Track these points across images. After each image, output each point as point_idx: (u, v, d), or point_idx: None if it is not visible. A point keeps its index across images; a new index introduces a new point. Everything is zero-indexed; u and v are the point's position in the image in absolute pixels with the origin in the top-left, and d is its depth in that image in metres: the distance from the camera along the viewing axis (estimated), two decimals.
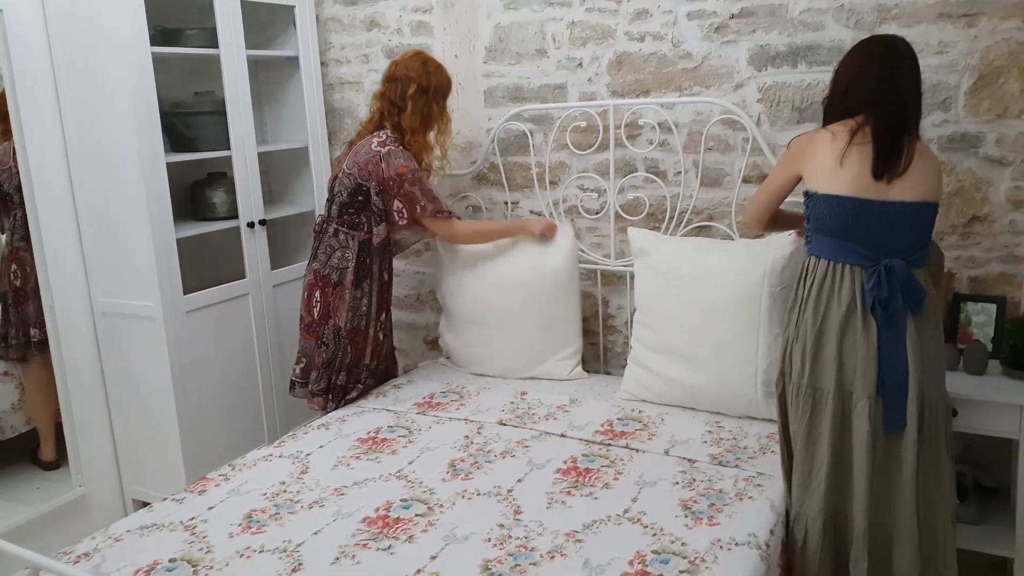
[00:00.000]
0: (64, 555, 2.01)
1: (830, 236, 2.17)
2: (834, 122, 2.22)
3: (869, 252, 2.12)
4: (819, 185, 2.18)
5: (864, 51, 2.22)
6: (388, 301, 3.21)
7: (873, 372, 2.10)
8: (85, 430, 3.28)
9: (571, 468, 2.40)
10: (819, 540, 2.18)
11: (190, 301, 3.16)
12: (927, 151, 2.19)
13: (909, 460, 2.10)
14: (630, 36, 3.12)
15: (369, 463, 2.49)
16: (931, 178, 2.15)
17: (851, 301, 2.13)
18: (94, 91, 3.00)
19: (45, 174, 3.07)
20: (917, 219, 2.14)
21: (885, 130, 2.12)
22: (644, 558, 1.91)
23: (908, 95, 2.16)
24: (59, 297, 3.15)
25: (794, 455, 2.23)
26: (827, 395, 2.15)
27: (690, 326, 2.79)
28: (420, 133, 3.06)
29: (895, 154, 2.11)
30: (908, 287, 2.09)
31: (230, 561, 1.97)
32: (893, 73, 2.15)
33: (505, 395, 3.00)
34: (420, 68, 3.03)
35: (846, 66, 2.24)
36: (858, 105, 2.17)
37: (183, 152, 3.24)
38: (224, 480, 2.41)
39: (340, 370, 3.04)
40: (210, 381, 3.24)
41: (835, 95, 2.25)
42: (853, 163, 2.12)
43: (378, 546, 2.01)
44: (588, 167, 3.30)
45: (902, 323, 2.10)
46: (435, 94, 3.06)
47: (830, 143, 2.17)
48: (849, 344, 2.13)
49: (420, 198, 2.99)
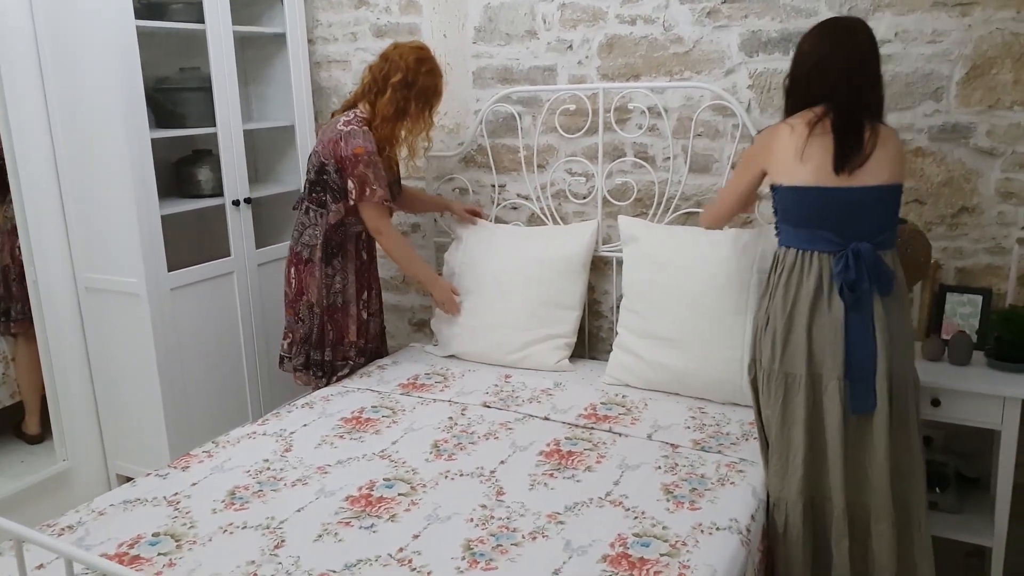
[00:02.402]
0: (48, 527, 2.01)
1: (797, 226, 2.21)
2: (795, 110, 2.24)
3: (836, 238, 2.15)
4: (783, 178, 2.21)
5: (824, 37, 2.22)
6: (371, 280, 3.19)
7: (841, 354, 2.13)
8: (69, 405, 3.26)
9: (554, 451, 2.40)
10: (800, 524, 2.20)
11: (174, 278, 3.14)
12: (889, 134, 2.20)
13: (881, 440, 2.13)
14: (621, 19, 3.10)
15: (353, 442, 2.49)
16: (894, 160, 2.17)
17: (818, 286, 2.16)
18: (78, 65, 2.96)
19: (28, 149, 3.04)
20: (881, 202, 2.16)
21: (846, 123, 2.14)
22: (625, 541, 1.92)
23: (869, 83, 2.18)
24: (43, 272, 3.13)
25: (770, 441, 2.25)
26: (798, 379, 2.17)
27: (676, 312, 2.80)
28: (390, 123, 2.98)
29: (856, 148, 2.13)
30: (875, 269, 2.12)
31: (213, 536, 1.97)
32: (854, 61, 2.16)
33: (489, 378, 3.00)
34: (414, 62, 2.95)
35: (806, 52, 2.24)
36: (819, 93, 2.19)
37: (168, 128, 3.21)
38: (208, 457, 2.40)
39: (324, 347, 3.04)
40: (194, 358, 3.23)
41: (796, 83, 2.26)
42: (813, 155, 2.15)
43: (361, 524, 2.01)
44: (576, 151, 3.29)
45: (869, 305, 2.13)
46: (418, 94, 2.98)
47: (790, 136, 2.19)
48: (818, 328, 2.15)
49: (372, 181, 2.91)
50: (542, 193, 3.36)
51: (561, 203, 3.36)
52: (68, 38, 2.95)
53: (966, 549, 2.72)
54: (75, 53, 2.95)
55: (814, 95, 2.20)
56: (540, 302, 3.10)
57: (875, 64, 2.19)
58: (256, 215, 3.50)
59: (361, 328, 3.13)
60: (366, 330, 3.17)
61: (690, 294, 2.77)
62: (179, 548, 1.92)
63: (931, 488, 2.67)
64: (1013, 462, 2.45)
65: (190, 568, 1.84)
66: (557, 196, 3.36)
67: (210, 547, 1.92)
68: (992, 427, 2.47)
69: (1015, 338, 2.51)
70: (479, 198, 3.51)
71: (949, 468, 2.70)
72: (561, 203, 3.36)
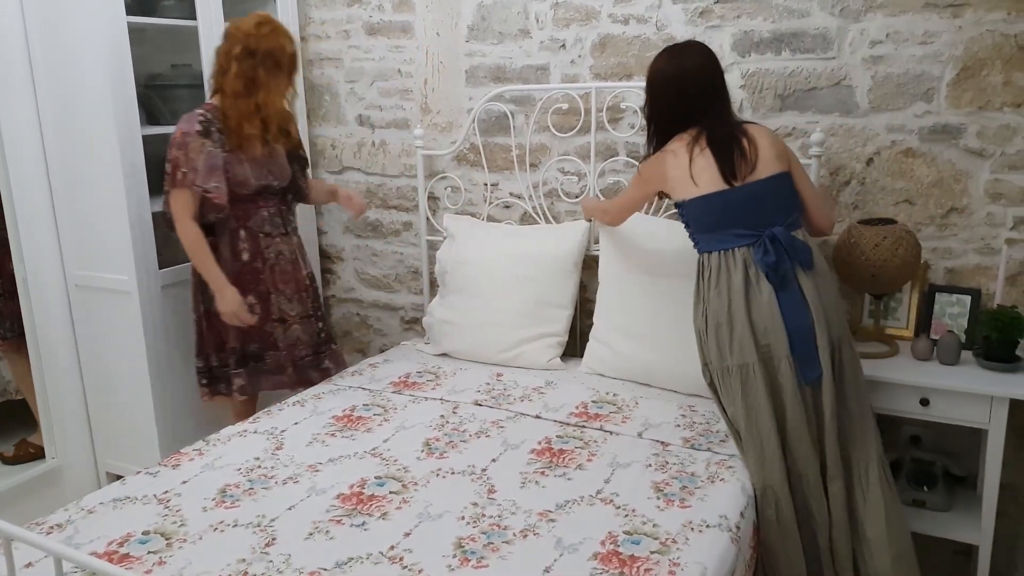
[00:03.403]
0: (36, 526, 2.00)
1: (710, 231, 2.35)
2: (666, 140, 2.44)
3: (749, 231, 2.30)
4: (684, 194, 2.38)
5: (671, 65, 2.42)
6: (259, 283, 2.91)
7: (783, 332, 2.25)
8: (59, 402, 3.26)
9: (545, 449, 2.40)
10: (791, 508, 2.23)
11: (165, 276, 3.13)
12: (761, 131, 2.39)
13: (828, 403, 2.24)
14: (614, 18, 3.11)
15: (344, 440, 2.48)
16: (776, 153, 2.36)
17: (746, 277, 2.29)
18: (68, 61, 2.95)
19: (18, 145, 3.03)
20: (777, 190, 2.34)
21: (720, 141, 2.34)
22: (616, 538, 1.92)
23: (720, 101, 2.41)
24: (32, 269, 3.12)
25: (742, 436, 2.28)
26: (751, 367, 2.26)
27: (645, 305, 2.86)
28: (243, 98, 2.76)
29: (740, 157, 2.32)
30: (792, 247, 2.27)
31: (204, 535, 1.96)
32: (706, 82, 2.39)
33: (481, 376, 3.00)
34: (253, 27, 2.75)
35: (659, 84, 2.44)
36: (683, 118, 2.41)
37: (159, 125, 3.20)
38: (198, 455, 2.40)
39: (204, 352, 2.94)
40: (185, 356, 3.21)
41: (659, 116, 2.47)
42: (702, 171, 2.34)
43: (352, 522, 2.01)
44: (569, 150, 3.29)
45: (795, 281, 2.28)
46: (263, 59, 2.74)
47: (676, 161, 2.38)
48: (756, 314, 2.27)
49: (183, 164, 2.72)
50: (534, 192, 3.36)
51: (553, 202, 3.36)
52: (59, 34, 2.94)
53: (954, 547, 2.74)
54: (66, 49, 2.94)
55: (679, 121, 2.41)
56: (532, 301, 3.10)
57: (721, 77, 2.43)
58: None
59: (242, 332, 2.90)
60: (249, 335, 2.93)
61: (667, 286, 2.79)
62: (169, 546, 1.91)
63: (919, 486, 2.70)
64: (1000, 461, 2.47)
65: (180, 567, 1.83)
66: (549, 195, 3.37)
67: (200, 545, 1.92)
68: (980, 426, 2.49)
69: (1003, 338, 2.52)
70: (471, 196, 3.51)
71: (937, 467, 2.72)
72: (553, 202, 3.36)
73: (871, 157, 2.83)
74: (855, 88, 2.80)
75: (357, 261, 3.91)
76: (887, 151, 2.81)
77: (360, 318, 3.97)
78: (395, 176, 3.71)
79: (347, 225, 3.88)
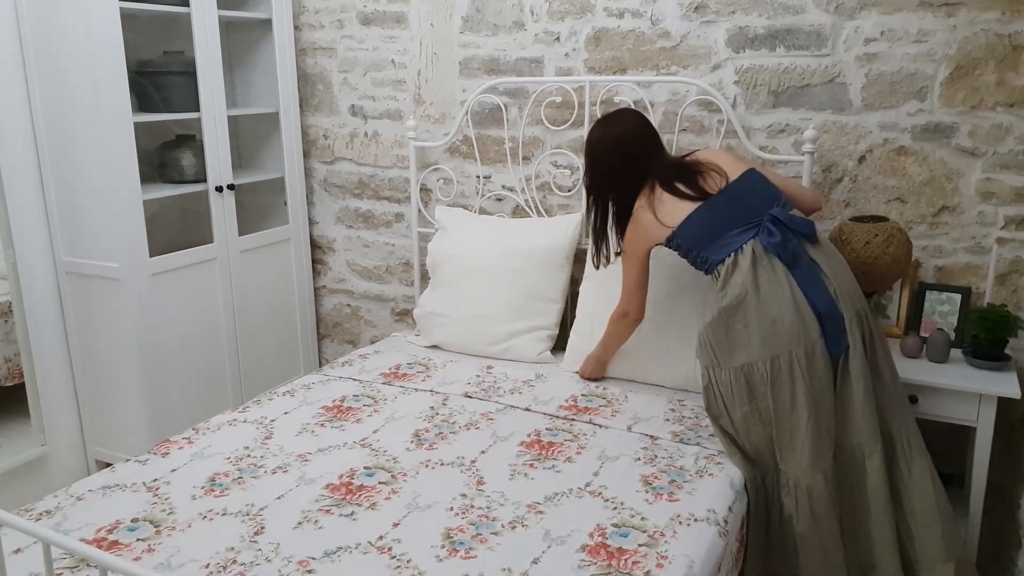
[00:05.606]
0: (25, 512, 1.99)
1: (711, 241, 2.34)
2: (626, 207, 2.50)
3: (746, 225, 2.31)
4: (672, 225, 2.39)
5: (607, 138, 2.51)
6: None
7: (811, 315, 2.22)
8: (48, 389, 3.24)
9: (535, 441, 2.40)
10: (826, 496, 2.19)
11: (156, 264, 3.12)
12: (711, 150, 2.54)
13: (861, 376, 2.22)
14: (609, 12, 3.11)
15: (334, 431, 2.48)
16: (735, 157, 2.48)
17: (760, 268, 2.25)
18: (60, 47, 2.93)
19: (9, 131, 3.01)
20: (755, 184, 2.38)
21: (672, 180, 2.41)
22: (604, 531, 1.93)
23: (660, 154, 2.50)
24: (22, 255, 3.10)
25: (777, 430, 2.23)
26: (781, 358, 2.20)
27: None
28: None
29: (700, 180, 2.38)
30: (793, 224, 2.29)
31: (192, 522, 1.96)
32: (641, 146, 2.49)
33: (471, 368, 3.00)
34: None
35: (602, 155, 2.52)
36: (631, 184, 2.48)
37: (151, 112, 3.18)
38: (188, 443, 2.39)
39: None
40: (175, 344, 3.22)
41: (608, 188, 2.55)
42: (676, 207, 2.39)
43: (341, 512, 2.01)
44: (562, 143, 3.29)
45: (806, 255, 2.29)
46: None
47: (646, 217, 2.43)
48: (779, 305, 2.22)
49: None
50: (527, 185, 3.36)
51: (546, 195, 3.36)
52: (50, 19, 2.92)
53: None
54: (57, 34, 2.92)
55: (627, 183, 2.48)
56: (523, 294, 3.10)
57: (656, 135, 2.54)
58: (239, 202, 3.48)
59: None
60: None
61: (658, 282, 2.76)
62: (158, 534, 1.91)
63: None
64: (988, 458, 2.48)
65: (169, 554, 1.83)
66: (542, 188, 3.36)
67: (189, 533, 1.92)
68: (968, 423, 2.51)
69: (992, 336, 2.54)
70: (464, 188, 3.51)
71: None
72: (546, 195, 3.36)
73: (863, 155, 2.84)
74: (848, 85, 2.81)
75: (348, 252, 3.90)
76: (879, 149, 2.81)
77: (351, 309, 3.97)
78: (387, 167, 3.71)
79: (338, 215, 3.87)
